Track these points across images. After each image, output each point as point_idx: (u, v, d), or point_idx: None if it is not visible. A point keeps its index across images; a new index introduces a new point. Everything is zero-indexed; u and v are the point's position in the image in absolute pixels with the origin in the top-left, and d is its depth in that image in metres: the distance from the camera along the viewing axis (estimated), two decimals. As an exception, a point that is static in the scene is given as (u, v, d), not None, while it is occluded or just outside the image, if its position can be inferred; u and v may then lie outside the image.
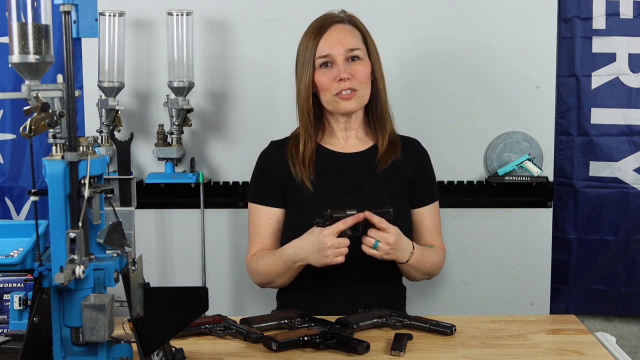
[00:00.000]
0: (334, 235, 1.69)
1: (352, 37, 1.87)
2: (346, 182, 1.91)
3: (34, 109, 1.19)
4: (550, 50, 2.37)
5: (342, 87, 1.84)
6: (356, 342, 1.48)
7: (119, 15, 2.25)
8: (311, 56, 1.85)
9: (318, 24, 1.89)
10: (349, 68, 1.84)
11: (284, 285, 1.90)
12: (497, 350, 1.52)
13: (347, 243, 1.70)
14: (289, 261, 1.80)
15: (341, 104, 1.86)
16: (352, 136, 1.95)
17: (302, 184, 1.88)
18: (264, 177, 1.94)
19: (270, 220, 1.92)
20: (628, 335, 2.55)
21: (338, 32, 1.86)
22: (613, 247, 2.44)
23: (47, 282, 1.24)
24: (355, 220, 1.69)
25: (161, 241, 2.45)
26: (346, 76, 1.83)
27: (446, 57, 2.37)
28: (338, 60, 1.84)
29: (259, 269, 1.89)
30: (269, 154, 1.97)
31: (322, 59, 1.85)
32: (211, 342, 1.57)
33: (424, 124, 2.35)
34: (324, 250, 1.70)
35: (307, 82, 1.86)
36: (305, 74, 1.86)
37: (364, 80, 1.86)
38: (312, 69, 1.86)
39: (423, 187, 1.97)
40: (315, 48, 1.85)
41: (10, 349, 1.39)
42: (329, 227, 1.70)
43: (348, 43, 1.85)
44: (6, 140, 2.44)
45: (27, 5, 1.23)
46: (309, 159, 1.89)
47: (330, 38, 1.85)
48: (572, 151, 2.41)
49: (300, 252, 1.76)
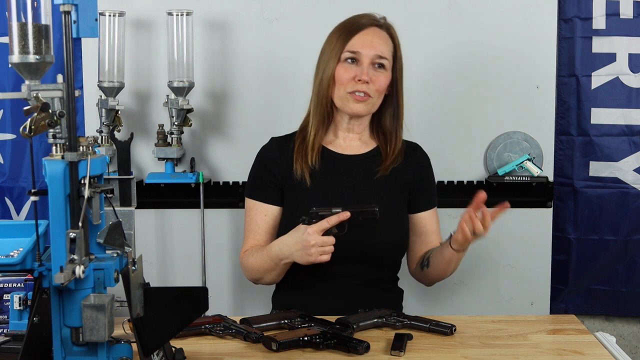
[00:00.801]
0: (319, 234, 1.68)
1: (385, 45, 1.86)
2: (344, 183, 1.90)
3: (34, 109, 1.19)
4: (550, 50, 2.38)
5: (359, 88, 1.83)
6: (356, 342, 1.48)
7: (119, 15, 2.25)
8: (339, 49, 1.84)
9: (356, 21, 1.87)
10: (372, 73, 1.83)
11: (274, 282, 1.90)
12: (497, 350, 1.52)
13: (332, 241, 1.70)
14: (275, 258, 1.79)
15: (351, 103, 1.85)
16: (355, 138, 1.94)
17: (302, 179, 1.87)
18: (262, 174, 1.93)
19: (266, 217, 1.92)
20: (628, 335, 2.55)
21: (374, 35, 1.85)
22: (613, 247, 2.44)
23: (47, 282, 1.24)
24: (339, 219, 1.69)
25: (161, 241, 2.45)
26: (366, 79, 1.82)
27: (446, 57, 2.37)
28: (364, 61, 1.83)
29: (249, 264, 1.88)
30: (269, 151, 1.96)
31: (350, 54, 1.84)
32: (211, 342, 1.57)
33: (424, 124, 2.36)
34: (307, 248, 1.69)
35: (330, 73, 1.84)
36: (330, 64, 1.84)
37: (380, 89, 1.86)
38: (336, 61, 1.84)
39: (425, 192, 1.96)
40: (346, 41, 1.84)
41: (10, 349, 1.39)
42: (313, 226, 1.69)
43: (379, 49, 1.84)
44: (6, 140, 2.44)
45: (27, 5, 1.23)
46: (317, 149, 1.88)
47: (364, 37, 1.84)
48: (572, 151, 2.42)
49: (285, 249, 1.76)
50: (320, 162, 1.89)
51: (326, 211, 1.70)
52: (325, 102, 1.87)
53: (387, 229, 1.85)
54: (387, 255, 1.88)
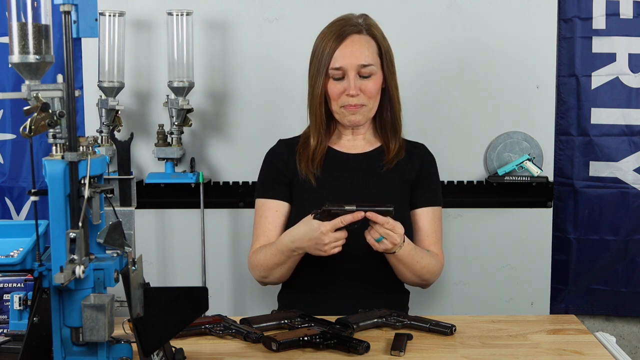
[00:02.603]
0: (332, 231, 1.69)
1: (368, 50, 1.86)
2: (349, 181, 1.92)
3: (34, 109, 1.19)
4: (550, 50, 2.37)
5: (350, 102, 1.86)
6: (356, 342, 1.48)
7: (119, 15, 2.25)
8: (325, 64, 1.85)
9: (337, 31, 1.86)
10: (359, 84, 1.85)
11: (282, 279, 1.90)
12: (497, 350, 1.52)
13: (345, 235, 1.71)
14: (287, 250, 1.79)
15: (347, 116, 1.88)
16: (359, 138, 1.97)
17: (306, 180, 1.89)
18: (272, 172, 1.95)
19: (278, 212, 1.92)
20: (628, 335, 2.55)
21: (354, 45, 1.85)
22: (613, 247, 2.44)
23: (47, 282, 1.24)
24: (353, 219, 1.69)
25: (161, 241, 2.45)
26: (355, 93, 1.84)
27: (446, 57, 2.37)
28: (350, 74, 1.84)
29: (258, 261, 1.88)
30: (277, 151, 1.99)
31: (335, 71, 1.85)
32: (211, 342, 1.57)
33: (424, 124, 2.36)
34: (321, 245, 1.71)
35: (320, 91, 1.87)
36: (318, 81, 1.86)
37: (372, 96, 1.87)
38: (325, 77, 1.86)
39: (423, 188, 1.96)
40: (330, 56, 1.85)
41: (10, 349, 1.39)
42: (327, 224, 1.69)
43: (362, 58, 1.84)
44: (6, 140, 2.44)
45: (27, 5, 1.23)
46: (319, 157, 1.91)
47: (345, 50, 1.85)
48: (572, 151, 2.42)
49: (297, 242, 1.76)
50: (325, 161, 1.92)
51: (339, 208, 1.69)
52: (320, 118, 1.89)
53: None
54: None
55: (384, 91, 1.91)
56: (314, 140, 1.91)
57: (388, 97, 1.92)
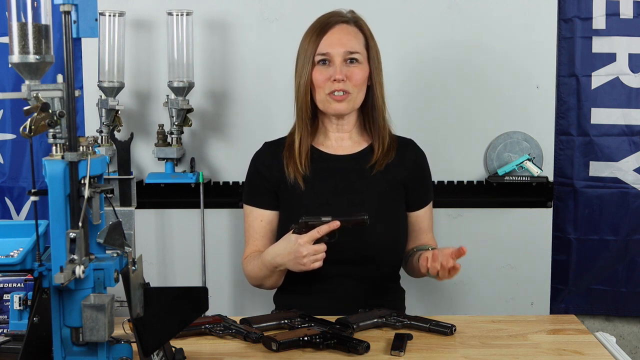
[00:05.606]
0: (310, 243, 1.69)
1: (355, 39, 1.86)
2: (338, 184, 1.90)
3: (34, 109, 1.19)
4: (550, 50, 2.37)
5: (335, 87, 1.83)
6: (356, 342, 1.48)
7: (119, 15, 2.25)
8: (311, 53, 1.85)
9: (323, 21, 1.88)
10: (346, 70, 1.83)
11: (275, 286, 1.91)
12: (497, 350, 1.52)
13: (324, 249, 1.71)
14: (270, 266, 1.81)
15: (332, 104, 1.85)
16: (346, 138, 1.93)
17: (295, 183, 1.88)
18: (256, 179, 1.94)
19: (263, 222, 1.92)
20: (628, 335, 2.55)
21: (341, 32, 1.86)
22: (613, 247, 2.44)
23: (47, 282, 1.24)
24: (329, 229, 1.69)
25: (161, 241, 2.45)
26: (341, 77, 1.82)
27: (446, 57, 2.37)
28: (336, 60, 1.84)
29: (248, 272, 1.91)
30: (262, 156, 1.96)
31: (321, 57, 1.85)
32: (211, 342, 1.57)
33: (424, 124, 2.36)
34: (299, 258, 1.70)
35: (306, 79, 1.85)
36: (305, 69, 1.86)
37: (358, 84, 1.85)
38: (311, 65, 1.85)
39: (420, 190, 1.96)
40: (316, 45, 1.85)
41: (10, 349, 1.39)
42: (304, 236, 1.69)
43: (349, 45, 1.84)
44: (6, 140, 2.44)
45: (27, 5, 1.23)
46: (305, 155, 1.88)
47: (332, 37, 1.85)
48: (572, 151, 2.41)
49: (278, 258, 1.77)
50: (312, 164, 1.89)
51: (316, 220, 1.71)
52: (305, 107, 1.88)
53: (382, 228, 1.85)
54: (382, 254, 1.87)
55: (369, 88, 1.90)
56: (298, 134, 1.89)
57: (372, 94, 1.90)
